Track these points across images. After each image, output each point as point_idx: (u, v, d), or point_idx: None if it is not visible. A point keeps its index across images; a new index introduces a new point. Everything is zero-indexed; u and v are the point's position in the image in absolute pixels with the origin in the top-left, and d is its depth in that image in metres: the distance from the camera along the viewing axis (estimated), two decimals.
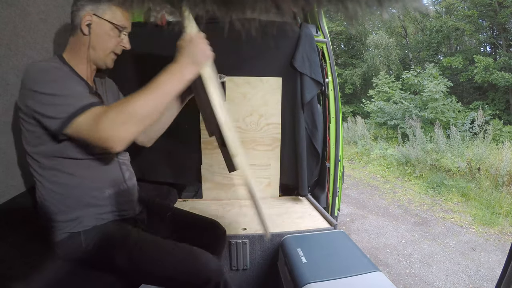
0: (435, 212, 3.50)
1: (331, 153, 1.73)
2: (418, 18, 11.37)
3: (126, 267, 0.86)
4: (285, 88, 1.64)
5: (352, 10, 0.18)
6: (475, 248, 2.68)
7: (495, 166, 4.09)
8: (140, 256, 0.86)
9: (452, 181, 4.21)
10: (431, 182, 4.38)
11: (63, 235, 0.86)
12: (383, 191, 4.33)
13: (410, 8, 0.19)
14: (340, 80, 12.12)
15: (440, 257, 2.53)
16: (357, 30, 12.34)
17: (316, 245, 1.22)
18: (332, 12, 0.19)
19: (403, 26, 12.50)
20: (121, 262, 0.85)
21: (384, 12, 0.18)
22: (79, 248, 0.87)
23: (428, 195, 4.08)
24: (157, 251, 0.88)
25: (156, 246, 0.89)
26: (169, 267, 0.87)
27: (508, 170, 3.92)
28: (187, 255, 0.88)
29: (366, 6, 0.18)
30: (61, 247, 0.87)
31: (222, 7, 0.19)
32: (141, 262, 0.86)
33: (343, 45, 14.05)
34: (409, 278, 2.24)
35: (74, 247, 0.87)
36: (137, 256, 0.86)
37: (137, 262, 0.86)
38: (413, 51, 12.07)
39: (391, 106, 7.97)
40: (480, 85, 9.19)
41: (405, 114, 7.32)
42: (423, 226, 3.14)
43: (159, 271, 0.87)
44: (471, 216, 3.36)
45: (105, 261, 0.87)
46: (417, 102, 7.67)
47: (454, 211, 3.53)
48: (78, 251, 0.87)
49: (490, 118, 7.55)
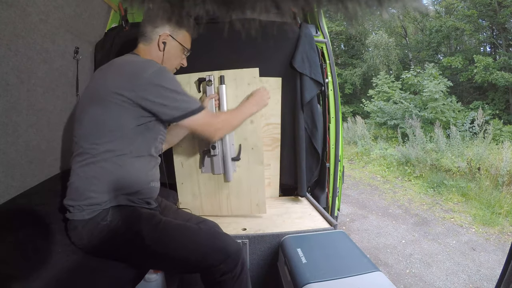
0: (435, 212, 3.50)
1: (331, 153, 1.73)
2: (418, 18, 11.37)
3: (149, 241, 0.90)
4: (285, 88, 1.64)
5: (352, 10, 0.18)
6: (475, 248, 2.68)
7: (495, 166, 4.09)
8: (165, 231, 0.94)
9: (452, 181, 4.21)
10: (431, 182, 4.38)
11: (93, 213, 0.91)
12: (383, 191, 4.33)
13: (410, 8, 0.19)
14: (340, 80, 12.12)
15: (440, 257, 2.53)
16: (357, 30, 12.33)
17: (316, 245, 1.21)
18: (332, 12, 0.19)
19: (403, 26, 12.50)
20: (146, 235, 0.91)
21: (384, 12, 0.18)
22: (105, 223, 0.91)
23: (428, 195, 4.08)
24: (182, 228, 0.98)
25: (181, 225, 0.99)
26: (192, 242, 0.94)
27: (508, 170, 3.93)
28: (210, 234, 1.00)
29: (366, 6, 0.18)
30: (86, 225, 0.91)
31: (222, 7, 0.19)
32: (166, 235, 0.93)
33: (343, 45, 14.06)
34: (409, 278, 2.24)
35: (101, 224, 0.91)
36: (162, 231, 0.93)
37: (161, 236, 0.92)
38: (413, 51, 12.07)
39: (391, 106, 7.97)
40: (480, 85, 9.19)
41: (405, 114, 7.32)
42: (423, 226, 3.14)
43: (182, 247, 0.92)
44: (471, 216, 3.36)
45: (129, 234, 0.91)
46: (417, 102, 7.68)
47: (454, 211, 3.53)
48: (104, 226, 0.91)
49: (490, 118, 7.55)
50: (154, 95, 0.91)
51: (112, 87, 0.90)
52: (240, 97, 1.45)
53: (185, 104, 0.96)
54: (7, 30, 0.97)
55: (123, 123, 0.92)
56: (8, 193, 1.00)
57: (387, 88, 8.73)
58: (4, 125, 0.99)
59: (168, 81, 0.93)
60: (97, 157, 0.92)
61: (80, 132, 0.95)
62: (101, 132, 0.92)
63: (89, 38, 1.52)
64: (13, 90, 1.02)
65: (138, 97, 0.90)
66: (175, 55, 1.11)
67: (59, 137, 1.31)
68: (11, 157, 1.02)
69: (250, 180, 1.49)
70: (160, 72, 0.92)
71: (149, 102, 0.91)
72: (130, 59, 0.98)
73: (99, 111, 0.91)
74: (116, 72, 0.94)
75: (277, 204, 1.67)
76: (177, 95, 0.95)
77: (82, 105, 0.97)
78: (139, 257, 0.93)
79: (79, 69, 1.42)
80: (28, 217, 0.98)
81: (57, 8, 1.21)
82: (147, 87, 0.90)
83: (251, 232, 1.36)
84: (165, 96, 0.92)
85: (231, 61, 1.56)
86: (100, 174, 0.92)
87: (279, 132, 1.68)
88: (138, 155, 0.97)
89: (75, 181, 0.93)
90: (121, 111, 0.91)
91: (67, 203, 0.93)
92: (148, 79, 0.90)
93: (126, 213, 0.94)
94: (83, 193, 0.91)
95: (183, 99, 0.96)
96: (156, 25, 1.05)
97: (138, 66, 0.93)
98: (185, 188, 1.53)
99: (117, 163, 0.93)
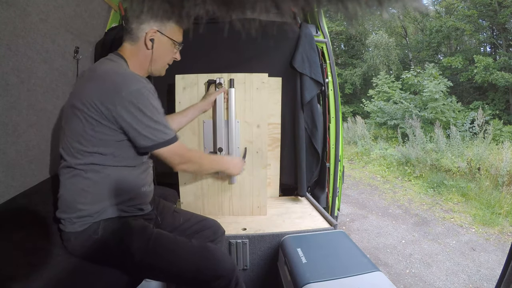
0: (435, 212, 3.50)
1: (331, 153, 1.73)
2: (418, 18, 11.37)
3: (140, 257, 0.88)
4: (285, 88, 1.63)
5: (352, 10, 0.18)
6: (475, 248, 2.68)
7: (495, 166, 4.09)
8: (156, 247, 0.90)
9: (452, 181, 4.21)
10: (431, 182, 4.38)
11: (84, 225, 0.89)
12: (383, 191, 4.33)
13: (410, 8, 0.19)
14: (340, 80, 12.12)
15: (440, 257, 2.53)
16: (357, 30, 12.34)
17: (316, 245, 1.21)
18: (332, 12, 0.19)
19: (403, 26, 12.50)
20: (137, 251, 0.88)
21: (384, 12, 0.18)
22: (97, 237, 0.89)
23: (428, 195, 4.08)
24: (173, 244, 0.93)
25: (172, 240, 0.95)
26: (182, 260, 0.91)
27: (508, 170, 3.92)
28: (201, 251, 0.94)
29: (366, 6, 0.18)
30: (79, 237, 0.89)
31: (222, 7, 0.19)
32: (156, 253, 0.90)
33: (343, 45, 14.06)
34: (409, 278, 2.24)
35: (93, 237, 0.89)
36: (153, 247, 0.90)
37: (152, 252, 0.89)
38: (413, 51, 12.07)
39: (391, 106, 7.97)
40: (480, 85, 9.19)
41: (405, 114, 7.31)
42: (423, 226, 3.14)
43: (173, 263, 0.90)
44: (471, 216, 3.36)
45: (120, 250, 0.89)
46: (417, 102, 7.67)
47: (454, 211, 3.53)
48: (96, 240, 0.89)
49: (490, 118, 7.55)
50: (130, 117, 0.86)
51: (91, 99, 0.85)
52: (248, 101, 1.46)
53: (158, 134, 0.90)
54: (7, 30, 0.97)
55: (104, 137, 0.88)
56: (8, 193, 1.00)
57: (387, 88, 8.73)
58: (4, 125, 0.99)
59: (146, 105, 0.87)
60: (82, 169, 0.89)
61: (63, 144, 0.91)
62: (83, 145, 0.88)
63: (89, 38, 1.52)
64: (13, 90, 1.01)
65: (114, 113, 0.85)
66: (166, 51, 1.03)
67: (59, 137, 1.31)
68: (11, 157, 1.02)
69: (252, 183, 1.50)
70: (140, 93, 0.86)
71: (125, 122, 0.86)
72: (114, 70, 0.91)
73: (80, 124, 0.87)
74: (97, 83, 0.88)
75: (277, 204, 1.67)
76: (152, 123, 0.88)
77: (66, 112, 0.92)
78: (131, 270, 0.91)
79: (79, 69, 1.42)
80: (28, 217, 0.98)
81: (57, 8, 1.21)
82: (124, 105, 0.84)
83: (251, 232, 1.36)
84: (139, 122, 0.87)
85: (231, 61, 1.56)
86: (87, 186, 0.89)
87: (279, 132, 1.68)
88: (125, 165, 0.94)
89: (64, 193, 0.91)
90: (100, 126, 0.86)
91: (59, 215, 0.91)
92: (126, 97, 0.84)
93: (117, 226, 0.91)
94: (72, 205, 0.89)
95: (157, 128, 0.90)
96: (141, 21, 0.95)
97: (119, 80, 0.87)
98: (188, 189, 1.53)
99: (104, 173, 0.90)
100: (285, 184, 1.77)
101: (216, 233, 1.20)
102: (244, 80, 1.45)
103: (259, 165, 1.50)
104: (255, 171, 1.50)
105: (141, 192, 0.99)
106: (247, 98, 1.46)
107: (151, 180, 1.06)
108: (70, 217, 0.89)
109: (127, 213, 0.96)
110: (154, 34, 0.98)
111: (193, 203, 1.54)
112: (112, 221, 0.92)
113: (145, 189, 1.01)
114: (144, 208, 1.02)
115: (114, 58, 0.97)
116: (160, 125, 0.91)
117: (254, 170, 1.50)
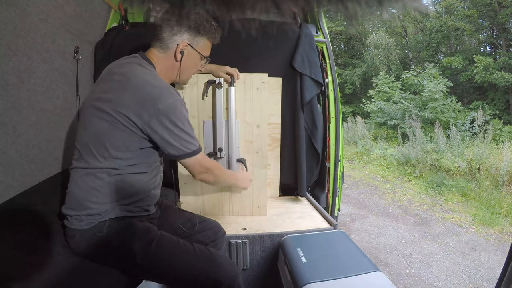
0: (435, 212, 3.50)
1: (331, 153, 1.73)
2: (418, 18, 11.37)
3: (142, 258, 0.88)
4: (285, 88, 1.64)
5: (352, 10, 0.18)
6: (475, 248, 2.68)
7: (495, 166, 4.09)
8: (158, 250, 0.90)
9: (452, 181, 4.21)
10: (431, 182, 4.38)
11: (91, 224, 0.90)
12: (383, 191, 4.33)
13: (410, 8, 0.19)
14: (340, 80, 12.12)
15: (440, 257, 2.53)
16: (357, 30, 12.33)
17: (316, 245, 1.21)
18: (332, 12, 0.19)
19: (403, 26, 12.50)
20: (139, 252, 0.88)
21: (384, 12, 0.18)
22: (101, 235, 0.90)
23: (428, 195, 4.08)
24: (176, 248, 0.93)
25: (175, 244, 0.95)
26: (184, 265, 0.91)
27: (508, 170, 3.93)
28: (204, 257, 0.94)
29: (366, 6, 0.18)
30: (84, 235, 0.90)
31: (222, 7, 0.19)
32: (158, 256, 0.90)
33: (343, 45, 14.05)
34: (409, 278, 2.24)
35: (97, 235, 0.90)
36: (155, 249, 0.90)
37: (154, 254, 0.89)
38: (413, 51, 12.07)
39: (391, 106, 7.97)
40: (480, 85, 9.19)
41: (405, 114, 7.31)
42: (423, 226, 3.14)
43: (174, 268, 0.90)
44: (471, 216, 3.36)
45: (123, 249, 0.90)
46: (417, 102, 7.67)
47: (454, 211, 3.53)
48: (100, 238, 0.89)
49: (490, 118, 7.55)
50: (163, 129, 0.88)
51: (122, 107, 0.86)
52: (248, 101, 1.46)
53: (187, 145, 0.94)
54: (7, 30, 0.97)
55: (128, 144, 0.90)
56: (8, 193, 1.00)
57: (387, 88, 8.73)
58: (4, 125, 0.99)
59: (180, 118, 0.90)
60: (99, 170, 0.89)
61: (83, 140, 0.91)
62: (104, 148, 0.89)
63: (89, 38, 1.52)
64: (13, 90, 1.01)
65: (146, 125, 0.87)
66: (193, 63, 1.05)
67: (59, 137, 1.31)
68: (11, 157, 1.02)
69: (252, 183, 1.50)
70: (175, 106, 0.89)
71: (155, 134, 0.89)
72: (149, 81, 0.90)
73: (105, 126, 0.87)
74: (132, 93, 0.87)
75: (277, 204, 1.67)
76: (183, 134, 0.92)
77: (89, 111, 0.91)
78: (131, 270, 0.92)
79: (79, 69, 1.42)
80: (28, 217, 0.98)
81: (57, 8, 1.21)
82: (159, 118, 0.87)
83: (251, 232, 1.36)
84: (172, 133, 0.90)
85: (231, 61, 1.56)
86: (100, 186, 0.90)
87: (279, 132, 1.68)
88: (141, 170, 0.96)
89: (74, 191, 0.91)
90: (128, 131, 0.88)
91: (66, 212, 0.91)
92: (162, 111, 0.87)
93: (122, 226, 0.92)
94: (83, 203, 0.89)
95: (187, 139, 0.93)
96: (174, 32, 0.97)
97: (156, 93, 0.88)
98: (187, 189, 1.53)
99: (119, 176, 0.92)
100: (285, 184, 1.78)
101: (217, 234, 1.20)
102: (244, 80, 1.45)
103: (259, 165, 1.50)
104: (255, 171, 1.50)
105: (150, 195, 1.01)
106: (247, 98, 1.46)
107: (160, 183, 1.07)
108: (78, 214, 0.89)
109: (133, 213, 0.96)
110: (185, 48, 0.99)
111: (193, 203, 1.54)
112: (118, 220, 0.93)
113: (155, 191, 1.03)
114: (150, 209, 1.03)
115: (144, 64, 0.96)
116: (189, 136, 0.94)
117: (254, 170, 1.50)
